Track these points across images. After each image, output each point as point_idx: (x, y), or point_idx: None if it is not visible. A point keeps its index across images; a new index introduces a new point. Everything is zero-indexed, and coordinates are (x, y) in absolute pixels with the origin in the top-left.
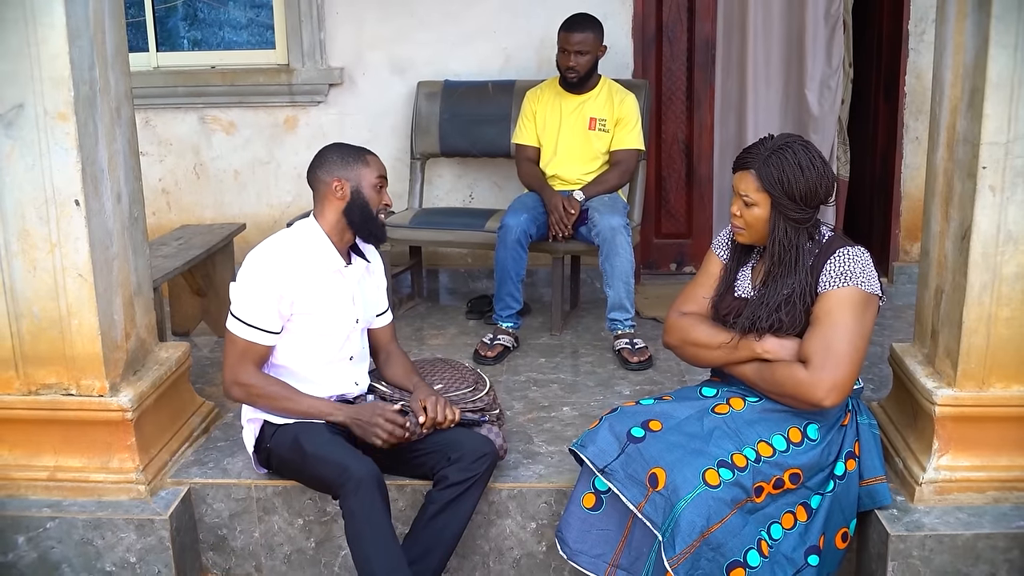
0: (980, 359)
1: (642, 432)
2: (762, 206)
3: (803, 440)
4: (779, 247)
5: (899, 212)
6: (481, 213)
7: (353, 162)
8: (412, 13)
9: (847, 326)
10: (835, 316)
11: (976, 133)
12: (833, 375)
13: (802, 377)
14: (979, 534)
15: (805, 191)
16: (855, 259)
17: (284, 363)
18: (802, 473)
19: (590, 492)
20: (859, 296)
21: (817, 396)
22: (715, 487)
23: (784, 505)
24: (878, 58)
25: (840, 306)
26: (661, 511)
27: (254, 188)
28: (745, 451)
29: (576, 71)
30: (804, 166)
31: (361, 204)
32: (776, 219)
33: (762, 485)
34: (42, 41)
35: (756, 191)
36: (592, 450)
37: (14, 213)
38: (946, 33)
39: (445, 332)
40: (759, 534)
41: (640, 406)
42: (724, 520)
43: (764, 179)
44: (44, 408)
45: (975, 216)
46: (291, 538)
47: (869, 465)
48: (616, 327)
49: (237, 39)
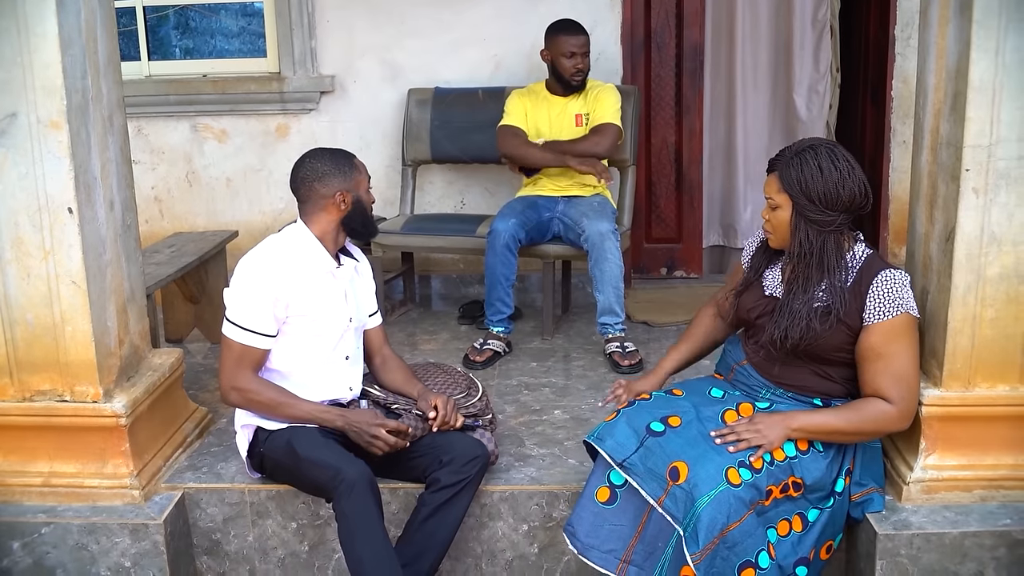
0: (965, 359)
1: (662, 427)
2: (784, 208)
3: (809, 449)
4: (800, 248)
5: (887, 215)
6: (472, 219)
7: (349, 171)
8: (403, 21)
9: (909, 354)
10: (897, 347)
11: (959, 136)
12: (911, 405)
13: (892, 413)
14: (966, 532)
15: (824, 193)
16: (902, 285)
17: (279, 367)
18: (804, 484)
19: (604, 486)
20: (911, 322)
21: (904, 426)
22: (737, 486)
23: (783, 512)
24: (865, 63)
25: (899, 336)
26: (682, 505)
27: (246, 196)
28: (785, 445)
29: (584, 72)
30: (825, 168)
31: (361, 210)
32: (797, 220)
33: (772, 488)
34: (35, 50)
35: (777, 192)
36: (610, 443)
37: (7, 221)
38: (929, 38)
39: (438, 337)
40: (767, 536)
41: (657, 400)
42: (741, 520)
43: (784, 180)
44: (38, 414)
45: (959, 218)
46: (285, 542)
47: (858, 480)
48: (607, 331)
49: (229, 47)
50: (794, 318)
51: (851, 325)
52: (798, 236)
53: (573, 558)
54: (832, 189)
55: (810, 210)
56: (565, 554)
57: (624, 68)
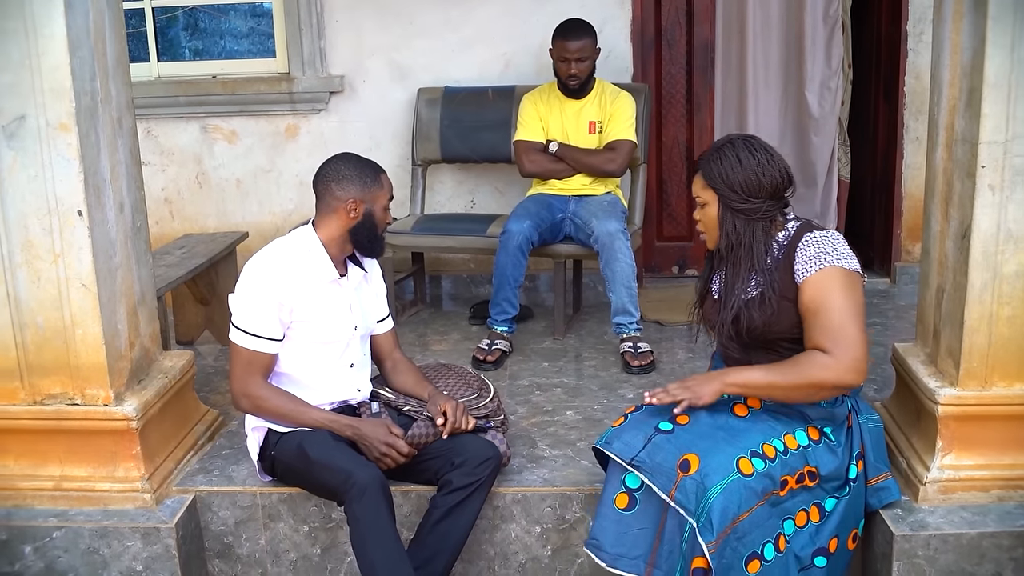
0: (982, 358)
1: (670, 426)
2: (712, 203)
3: (821, 438)
4: (728, 239)
5: (900, 212)
6: (483, 219)
7: (371, 183)
8: (411, 20)
9: (841, 307)
10: (825, 301)
11: (975, 132)
12: (851, 354)
13: (829, 362)
14: (984, 533)
15: (745, 181)
16: (824, 239)
17: (286, 370)
18: (819, 473)
19: (622, 492)
20: (840, 274)
21: (843, 378)
22: (748, 476)
23: (800, 502)
24: (877, 59)
25: (825, 290)
26: (693, 496)
27: (256, 196)
28: (774, 442)
29: (578, 78)
30: (743, 159)
31: (370, 225)
32: (725, 213)
33: (787, 478)
34: (43, 52)
35: (703, 189)
36: (618, 445)
37: (17, 224)
38: (943, 34)
39: (448, 338)
40: (778, 528)
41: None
42: (752, 510)
43: (707, 176)
44: (49, 418)
45: (975, 215)
46: (297, 545)
47: (874, 463)
48: (621, 331)
49: (238, 48)
50: (727, 309)
51: (791, 298)
52: (726, 228)
53: (587, 560)
54: (752, 176)
55: (735, 200)
56: (579, 556)
57: (634, 66)
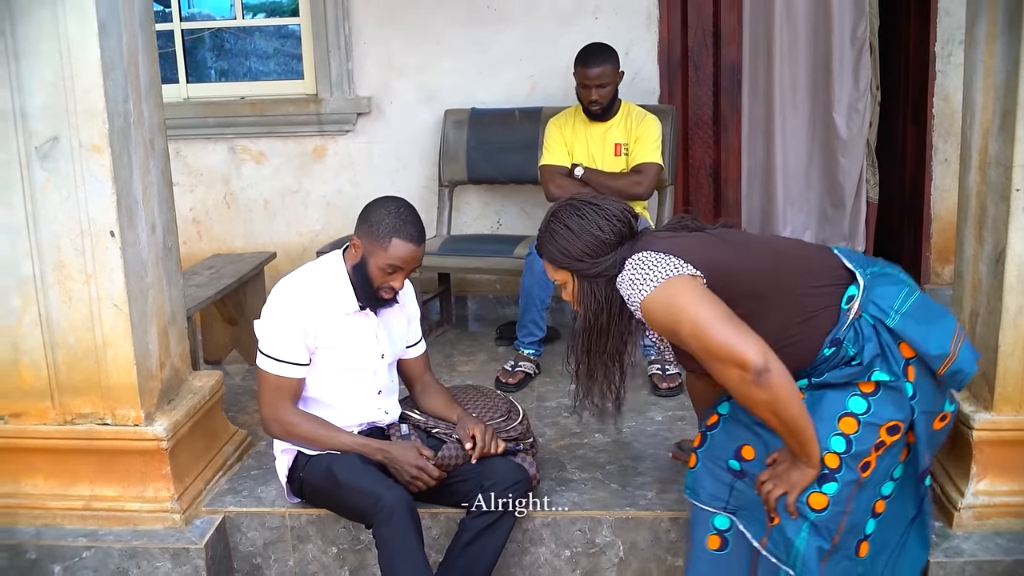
0: (1017, 382)
1: (738, 465)
2: (569, 280)
3: (878, 387)
4: (600, 306)
5: (929, 234)
6: (509, 240)
7: (378, 238)
8: (438, 42)
9: (686, 326)
10: (671, 329)
11: (1009, 155)
12: (744, 350)
13: (745, 377)
14: (1020, 560)
15: (586, 246)
16: (629, 271)
17: (314, 395)
18: (901, 424)
19: (713, 534)
20: (659, 300)
21: (764, 376)
22: (822, 511)
23: (890, 463)
24: (905, 80)
25: (660, 321)
26: (781, 547)
27: (284, 217)
28: (832, 443)
29: (599, 103)
30: (572, 225)
31: (363, 272)
32: (583, 285)
33: (868, 460)
34: (77, 74)
35: (555, 272)
36: (704, 497)
37: (50, 244)
38: (976, 56)
39: (475, 359)
40: (874, 499)
41: (722, 429)
42: (847, 515)
43: (550, 259)
44: (79, 438)
45: (1009, 238)
46: (325, 567)
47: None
48: (649, 353)
49: (263, 69)
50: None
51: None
52: (585, 300)
53: None
54: (591, 238)
55: (588, 268)
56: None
57: (661, 87)
